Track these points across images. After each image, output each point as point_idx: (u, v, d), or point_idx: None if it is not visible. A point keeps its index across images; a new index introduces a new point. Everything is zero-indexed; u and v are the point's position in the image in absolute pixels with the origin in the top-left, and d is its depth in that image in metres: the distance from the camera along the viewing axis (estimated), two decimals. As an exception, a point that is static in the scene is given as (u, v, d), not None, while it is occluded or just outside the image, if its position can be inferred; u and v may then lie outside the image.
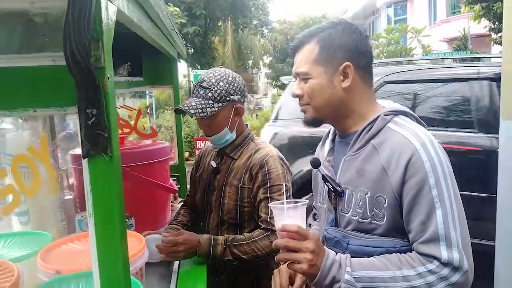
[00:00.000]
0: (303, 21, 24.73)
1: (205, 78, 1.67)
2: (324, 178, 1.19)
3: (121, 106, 2.52)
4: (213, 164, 1.77)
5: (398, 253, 1.04)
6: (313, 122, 1.21)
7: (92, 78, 0.61)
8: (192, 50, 16.20)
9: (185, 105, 1.63)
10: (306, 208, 1.09)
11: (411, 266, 1.00)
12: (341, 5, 30.39)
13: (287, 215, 1.06)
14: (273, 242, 1.06)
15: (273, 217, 1.19)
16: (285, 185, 1.60)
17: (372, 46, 1.34)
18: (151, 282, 1.46)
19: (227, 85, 1.65)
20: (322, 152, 1.32)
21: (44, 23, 0.69)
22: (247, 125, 1.83)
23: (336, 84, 1.15)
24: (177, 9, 13.39)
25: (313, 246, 1.02)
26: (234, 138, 1.73)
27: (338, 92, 1.15)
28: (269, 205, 1.16)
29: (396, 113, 1.16)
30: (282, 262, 1.09)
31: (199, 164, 1.92)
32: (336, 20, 1.20)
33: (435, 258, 0.99)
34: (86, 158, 0.63)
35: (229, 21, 18.63)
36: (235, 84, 1.67)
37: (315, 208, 1.40)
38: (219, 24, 17.86)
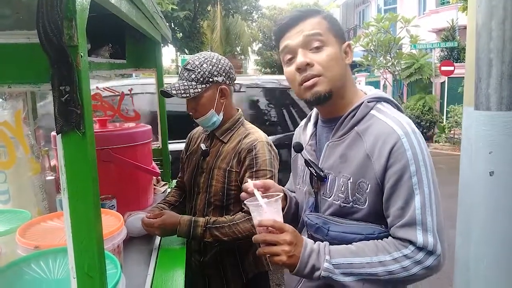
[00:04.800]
0: (293, 7, 24.59)
1: (190, 61, 1.70)
2: (307, 162, 1.20)
3: (104, 89, 2.52)
4: (203, 146, 1.79)
5: (376, 240, 1.08)
6: (325, 96, 1.12)
7: (65, 56, 0.62)
8: (181, 34, 16.04)
9: (169, 87, 1.65)
10: None
11: (387, 251, 1.04)
12: (332, -8, 30.16)
13: (263, 211, 1.07)
14: (253, 238, 1.08)
15: None
16: (270, 171, 1.63)
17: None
18: (131, 259, 1.49)
19: (210, 67, 1.66)
20: (304, 135, 1.32)
21: (18, 1, 0.70)
22: (238, 109, 1.83)
23: (344, 58, 1.14)
24: (170, -7, 13.18)
25: (290, 237, 1.04)
26: (222, 120, 1.74)
27: (346, 67, 1.15)
28: (245, 202, 1.16)
29: (379, 99, 1.17)
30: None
31: (189, 146, 1.94)
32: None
33: (410, 242, 1.02)
34: (60, 134, 0.65)
35: (219, 6, 18.45)
36: (219, 66, 1.68)
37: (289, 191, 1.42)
38: (209, 8, 17.68)
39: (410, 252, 1.02)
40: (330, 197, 1.15)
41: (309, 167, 1.19)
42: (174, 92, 1.62)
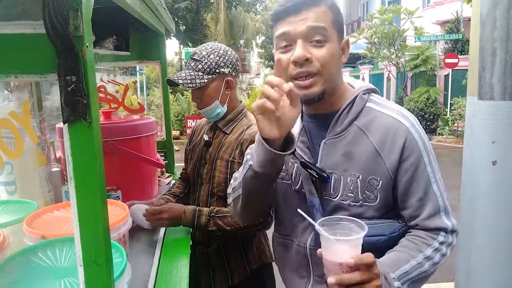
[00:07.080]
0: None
1: (197, 51, 1.71)
2: (304, 164, 1.08)
3: (109, 81, 2.52)
4: (206, 137, 1.80)
5: (407, 238, 1.07)
6: (318, 97, 1.04)
7: (71, 46, 0.63)
8: (184, 27, 16.01)
9: (175, 76, 1.66)
10: None
11: (427, 244, 1.04)
12: (336, -16, 29.95)
13: (353, 246, 0.90)
14: (338, 279, 0.89)
15: None
16: None
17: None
18: (136, 249, 1.50)
19: (217, 58, 1.67)
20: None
21: (24, -9, 0.71)
22: (241, 101, 1.84)
23: (340, 56, 1.07)
24: (170, -15, 13.16)
25: (378, 269, 0.93)
26: (226, 111, 1.75)
27: (341, 65, 1.09)
28: (320, 233, 0.92)
29: (369, 91, 1.14)
30: None
31: (192, 137, 1.96)
32: None
33: (441, 229, 1.05)
34: (66, 124, 0.66)
35: (222, -2, 18.39)
36: (226, 57, 1.69)
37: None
38: (212, 1, 17.62)
39: (443, 238, 1.05)
40: (336, 197, 1.08)
41: (308, 170, 1.08)
42: (180, 81, 1.64)
